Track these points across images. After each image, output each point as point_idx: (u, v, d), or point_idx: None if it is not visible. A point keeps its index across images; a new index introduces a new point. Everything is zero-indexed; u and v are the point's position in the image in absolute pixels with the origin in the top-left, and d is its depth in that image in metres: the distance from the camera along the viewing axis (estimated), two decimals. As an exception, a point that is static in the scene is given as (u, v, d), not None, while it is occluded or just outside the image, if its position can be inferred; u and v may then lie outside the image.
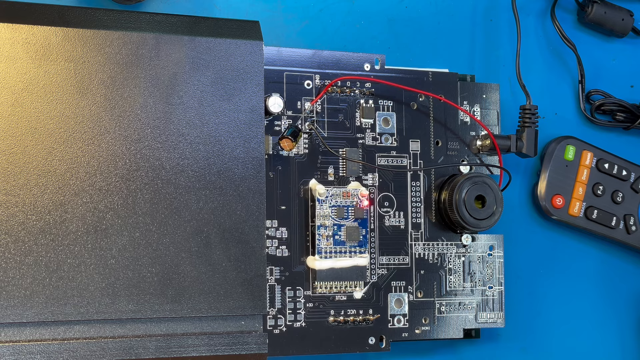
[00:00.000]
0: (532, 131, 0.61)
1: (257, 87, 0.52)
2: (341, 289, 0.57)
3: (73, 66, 0.48)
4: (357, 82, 0.59)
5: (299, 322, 0.56)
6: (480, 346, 0.64)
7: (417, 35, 0.65)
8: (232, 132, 0.51)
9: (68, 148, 0.48)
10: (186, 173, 0.50)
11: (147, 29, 0.50)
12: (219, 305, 0.50)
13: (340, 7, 0.63)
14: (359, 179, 0.58)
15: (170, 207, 0.50)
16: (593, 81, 0.69)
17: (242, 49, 0.52)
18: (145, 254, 0.49)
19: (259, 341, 0.51)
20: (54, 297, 0.47)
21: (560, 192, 0.65)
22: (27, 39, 0.48)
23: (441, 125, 0.61)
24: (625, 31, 0.69)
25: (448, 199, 0.59)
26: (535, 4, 0.68)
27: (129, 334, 0.49)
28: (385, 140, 0.59)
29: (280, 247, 0.56)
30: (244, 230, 0.51)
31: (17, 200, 0.47)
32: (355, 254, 0.57)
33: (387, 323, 0.58)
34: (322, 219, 0.56)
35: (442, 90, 0.61)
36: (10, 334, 0.47)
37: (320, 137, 0.57)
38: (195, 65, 0.51)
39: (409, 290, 0.59)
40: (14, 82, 0.47)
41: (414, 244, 0.60)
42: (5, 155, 0.47)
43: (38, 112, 0.48)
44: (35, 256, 0.47)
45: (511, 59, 0.65)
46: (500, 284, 0.62)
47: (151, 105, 0.50)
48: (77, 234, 0.48)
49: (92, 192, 0.48)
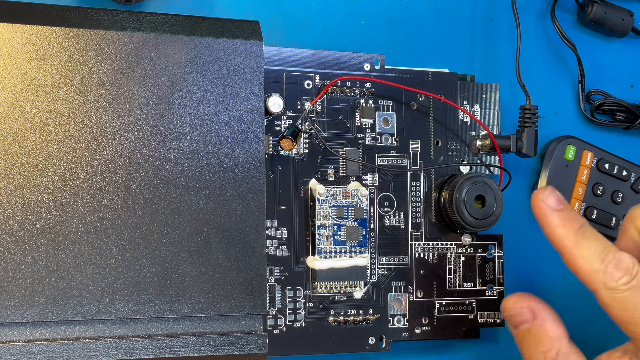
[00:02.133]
0: (532, 131, 0.61)
1: (257, 87, 0.52)
2: (341, 289, 0.57)
3: (73, 66, 0.48)
4: (357, 82, 0.59)
5: (299, 322, 0.56)
6: (480, 346, 0.64)
7: (417, 35, 0.65)
8: (232, 132, 0.51)
9: (68, 148, 0.48)
10: (186, 173, 0.50)
11: (147, 29, 0.50)
12: (219, 305, 0.50)
13: (340, 7, 0.63)
14: (359, 179, 0.58)
15: (170, 207, 0.50)
16: (593, 81, 0.69)
17: (242, 49, 0.52)
18: (145, 254, 0.49)
19: (259, 341, 0.51)
20: (54, 297, 0.47)
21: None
22: (27, 39, 0.48)
23: (441, 125, 0.61)
24: (625, 31, 0.69)
25: (448, 199, 0.59)
26: (535, 4, 0.68)
27: (129, 334, 0.49)
28: (385, 140, 0.59)
29: (280, 247, 0.56)
30: (244, 230, 0.51)
31: (17, 200, 0.47)
32: (355, 254, 0.57)
33: (387, 323, 0.58)
34: (322, 219, 0.56)
35: (442, 90, 0.61)
36: (10, 334, 0.47)
37: (320, 137, 0.57)
38: (195, 65, 0.51)
39: (409, 290, 0.59)
40: (14, 82, 0.47)
41: (414, 244, 0.60)
42: (5, 155, 0.47)
43: (38, 112, 0.48)
44: (35, 256, 0.47)
45: (511, 59, 0.65)
46: (500, 284, 0.62)
47: (151, 105, 0.50)
48: (77, 234, 0.48)
49: (92, 192, 0.48)
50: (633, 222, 0.54)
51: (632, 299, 0.50)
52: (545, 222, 0.53)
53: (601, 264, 0.50)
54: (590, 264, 0.51)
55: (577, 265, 0.51)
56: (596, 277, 0.50)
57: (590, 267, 0.51)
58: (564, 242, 0.52)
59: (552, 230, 0.52)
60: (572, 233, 0.52)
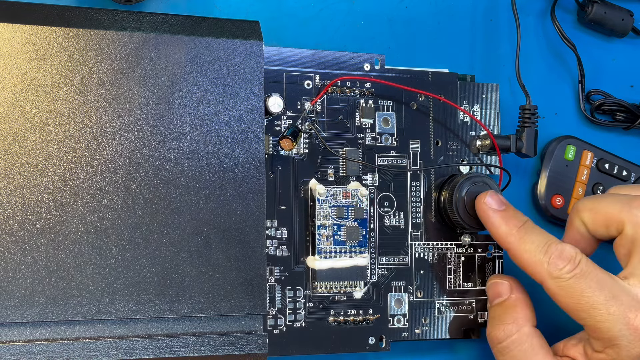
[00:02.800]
0: (532, 131, 0.61)
1: (257, 87, 0.52)
2: (341, 289, 0.57)
3: (73, 66, 0.48)
4: (357, 82, 0.59)
5: (299, 322, 0.56)
6: (480, 346, 0.64)
7: (417, 35, 0.65)
8: (232, 132, 0.51)
9: (68, 148, 0.48)
10: (186, 173, 0.50)
11: (147, 29, 0.50)
12: (219, 305, 0.50)
13: (340, 7, 0.63)
14: (359, 179, 0.58)
15: (170, 207, 0.50)
16: (593, 81, 0.69)
17: (242, 49, 0.52)
18: (145, 254, 0.49)
19: (259, 341, 0.51)
20: (54, 297, 0.47)
21: (560, 192, 0.65)
22: (27, 39, 0.48)
23: (441, 125, 0.61)
24: (625, 31, 0.69)
25: (448, 199, 0.59)
26: (535, 4, 0.68)
27: (129, 334, 0.49)
28: (385, 140, 0.59)
29: (280, 247, 0.56)
30: (244, 230, 0.51)
31: (17, 200, 0.47)
32: (355, 254, 0.57)
33: (387, 323, 0.58)
34: (322, 219, 0.56)
35: (442, 90, 0.61)
36: (10, 334, 0.47)
37: (320, 137, 0.57)
38: (195, 65, 0.51)
39: (409, 290, 0.59)
40: (14, 82, 0.47)
41: (414, 244, 0.60)
42: (5, 155, 0.47)
43: (38, 112, 0.48)
44: (35, 256, 0.47)
45: (511, 59, 0.65)
46: (500, 284, 0.62)
47: (151, 105, 0.50)
48: (77, 234, 0.48)
49: (92, 192, 0.48)
50: (578, 214, 0.57)
51: (577, 286, 0.52)
52: (490, 223, 0.56)
53: (545, 256, 0.53)
54: (534, 255, 0.54)
55: (523, 259, 0.54)
56: (541, 268, 0.53)
57: (535, 258, 0.54)
58: (508, 239, 0.55)
59: (496, 229, 0.56)
60: (515, 230, 0.55)
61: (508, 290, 0.57)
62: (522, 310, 0.56)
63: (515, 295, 0.57)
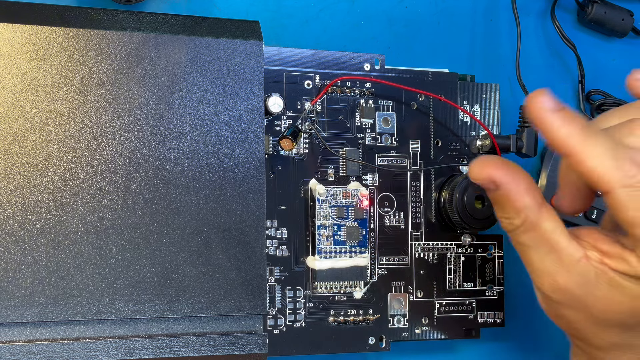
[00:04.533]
0: (532, 131, 0.61)
1: (257, 87, 0.52)
2: (341, 289, 0.57)
3: (73, 66, 0.48)
4: (357, 82, 0.59)
5: (299, 322, 0.56)
6: (480, 346, 0.64)
7: (417, 35, 0.65)
8: (232, 132, 0.51)
9: (68, 148, 0.48)
10: (186, 173, 0.50)
11: (147, 29, 0.50)
12: (219, 305, 0.50)
13: (340, 7, 0.63)
14: (359, 179, 0.58)
15: (170, 207, 0.50)
16: (593, 81, 0.69)
17: (242, 49, 0.52)
18: (145, 254, 0.49)
19: (259, 341, 0.51)
20: (54, 297, 0.47)
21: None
22: (27, 39, 0.48)
23: (441, 125, 0.61)
24: (625, 31, 0.69)
25: (448, 199, 0.59)
26: (535, 4, 0.68)
27: (129, 334, 0.49)
28: (385, 140, 0.59)
29: (280, 247, 0.56)
30: (244, 230, 0.51)
31: (17, 200, 0.47)
32: (355, 254, 0.57)
33: (387, 323, 0.58)
34: (322, 219, 0.56)
35: (442, 90, 0.61)
36: (10, 334, 0.47)
37: (320, 137, 0.57)
38: (195, 65, 0.51)
39: (409, 290, 0.59)
40: (14, 82, 0.47)
41: (414, 244, 0.60)
42: (5, 155, 0.47)
43: (38, 112, 0.48)
44: (35, 256, 0.47)
45: (511, 59, 0.65)
46: (500, 284, 0.62)
47: (151, 105, 0.50)
48: (77, 234, 0.48)
49: (92, 192, 0.48)
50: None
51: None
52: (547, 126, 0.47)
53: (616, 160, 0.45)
54: (603, 161, 0.45)
55: (587, 165, 0.46)
56: (612, 175, 0.45)
57: (604, 164, 0.45)
58: (570, 142, 0.46)
59: (556, 131, 0.46)
60: (579, 130, 0.46)
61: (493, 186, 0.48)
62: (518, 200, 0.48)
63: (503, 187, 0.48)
